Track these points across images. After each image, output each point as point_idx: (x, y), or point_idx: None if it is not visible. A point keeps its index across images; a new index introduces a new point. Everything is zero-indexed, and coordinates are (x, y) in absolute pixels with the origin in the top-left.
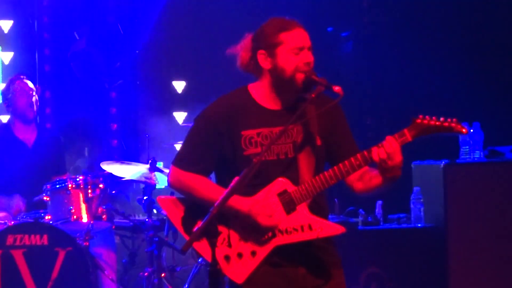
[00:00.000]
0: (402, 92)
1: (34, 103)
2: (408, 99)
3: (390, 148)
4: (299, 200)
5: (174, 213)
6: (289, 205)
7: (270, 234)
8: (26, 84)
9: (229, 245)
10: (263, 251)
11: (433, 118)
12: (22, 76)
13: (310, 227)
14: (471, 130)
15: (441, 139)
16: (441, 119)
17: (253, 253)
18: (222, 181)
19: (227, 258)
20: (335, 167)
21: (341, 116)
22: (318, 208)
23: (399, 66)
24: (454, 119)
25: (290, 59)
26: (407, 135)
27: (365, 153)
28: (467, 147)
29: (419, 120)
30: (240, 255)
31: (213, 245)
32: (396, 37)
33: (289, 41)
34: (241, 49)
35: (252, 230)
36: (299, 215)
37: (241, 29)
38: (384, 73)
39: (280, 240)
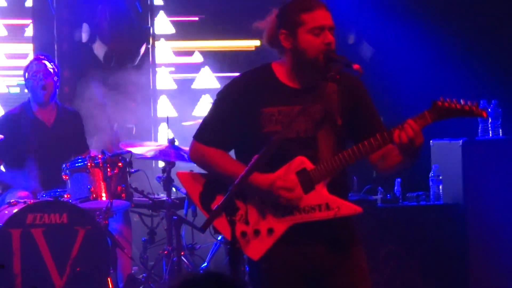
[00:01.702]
0: (418, 74)
1: (47, 85)
2: (424, 80)
3: (411, 132)
4: (318, 179)
5: (193, 188)
6: (307, 184)
7: (288, 211)
8: (41, 66)
9: (246, 222)
10: (280, 229)
11: (454, 100)
12: (41, 56)
13: (327, 206)
14: (490, 109)
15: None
16: (462, 102)
17: (270, 231)
18: (241, 158)
19: (243, 234)
20: (354, 147)
21: (364, 94)
22: (337, 186)
23: (413, 47)
24: (474, 102)
25: (310, 40)
26: (428, 117)
27: (385, 134)
28: (486, 124)
29: (439, 103)
30: (257, 232)
31: (232, 223)
32: (408, 17)
33: (310, 22)
34: (267, 25)
35: (271, 207)
36: (317, 194)
37: None
38: (400, 56)
39: (297, 218)
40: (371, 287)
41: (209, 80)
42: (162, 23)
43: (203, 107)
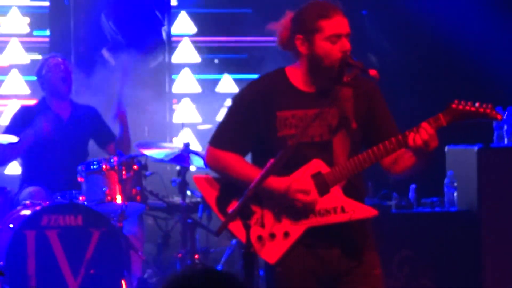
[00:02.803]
0: (434, 76)
1: (67, 78)
2: (441, 83)
3: (426, 135)
4: (333, 182)
5: (209, 192)
6: (323, 187)
7: (303, 214)
8: (59, 60)
9: (262, 225)
10: (296, 232)
11: (469, 103)
12: (55, 54)
13: (343, 209)
14: (505, 116)
15: (475, 123)
16: (477, 104)
17: (286, 234)
18: (257, 162)
19: (259, 238)
20: (369, 150)
21: (379, 99)
22: (353, 190)
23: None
24: (489, 105)
25: (328, 47)
26: (442, 120)
27: (400, 137)
28: (502, 131)
29: (454, 105)
30: (272, 236)
31: (247, 227)
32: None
33: (327, 29)
34: (281, 28)
35: (286, 211)
36: (333, 197)
37: None
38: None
39: (313, 221)
40: None
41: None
42: (183, 22)
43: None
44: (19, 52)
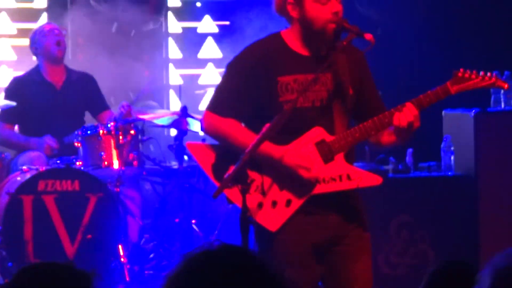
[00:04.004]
0: (429, 44)
1: (61, 42)
2: (435, 51)
3: (411, 116)
4: (338, 150)
5: (204, 159)
6: (327, 155)
7: (308, 182)
8: (54, 25)
9: (263, 193)
10: (299, 200)
11: (474, 72)
12: (49, 22)
13: (348, 177)
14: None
15: None
16: (481, 73)
17: (288, 202)
18: (255, 128)
19: (260, 205)
20: (375, 118)
21: (368, 70)
22: (351, 157)
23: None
24: (494, 74)
25: (318, 9)
26: (450, 89)
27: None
28: (498, 95)
29: (460, 74)
30: (274, 203)
31: (244, 192)
32: None
33: None
34: None
35: (289, 178)
36: (337, 164)
37: None
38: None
39: (317, 189)
40: (370, 256)
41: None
42: None
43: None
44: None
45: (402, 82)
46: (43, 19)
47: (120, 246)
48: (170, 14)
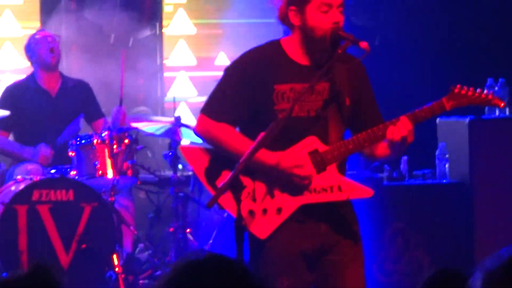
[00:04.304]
0: (423, 52)
1: (55, 49)
2: (430, 58)
3: (405, 131)
4: (330, 161)
5: (198, 163)
6: (320, 165)
7: (298, 191)
8: (47, 32)
9: (254, 200)
10: (290, 209)
11: (471, 89)
12: (43, 29)
13: (339, 188)
14: (496, 88)
15: None
16: (478, 90)
17: (279, 210)
18: (250, 134)
19: (251, 212)
20: (369, 130)
21: (368, 81)
22: (343, 169)
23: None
24: (491, 91)
25: (319, 18)
26: (446, 105)
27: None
28: None
29: (456, 90)
30: (265, 211)
31: (238, 201)
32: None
33: None
34: (278, 2)
35: (280, 186)
36: (329, 175)
37: None
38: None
39: (308, 199)
40: (363, 265)
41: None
42: None
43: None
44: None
45: (398, 93)
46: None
47: (114, 256)
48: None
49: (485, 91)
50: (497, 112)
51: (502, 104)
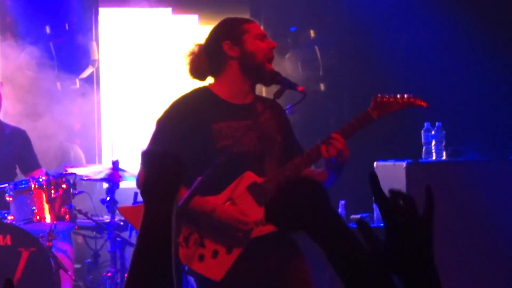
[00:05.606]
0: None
1: None
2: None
3: (340, 145)
4: (270, 191)
5: (138, 220)
6: (260, 197)
7: (245, 229)
8: None
9: (202, 245)
10: (239, 247)
11: (392, 95)
12: None
13: None
14: (433, 132)
15: (404, 138)
16: (399, 95)
17: (229, 249)
18: (196, 174)
19: (201, 257)
20: (303, 154)
21: (287, 118)
22: None
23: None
24: (412, 95)
25: (257, 43)
26: (372, 114)
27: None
28: (430, 146)
29: (379, 99)
30: (215, 253)
31: (176, 246)
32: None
33: (253, 29)
34: (193, 56)
35: (225, 227)
36: None
37: None
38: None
39: (255, 232)
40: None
41: None
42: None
43: None
44: None
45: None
46: None
47: None
48: None
49: (406, 95)
50: (434, 156)
51: (425, 104)
